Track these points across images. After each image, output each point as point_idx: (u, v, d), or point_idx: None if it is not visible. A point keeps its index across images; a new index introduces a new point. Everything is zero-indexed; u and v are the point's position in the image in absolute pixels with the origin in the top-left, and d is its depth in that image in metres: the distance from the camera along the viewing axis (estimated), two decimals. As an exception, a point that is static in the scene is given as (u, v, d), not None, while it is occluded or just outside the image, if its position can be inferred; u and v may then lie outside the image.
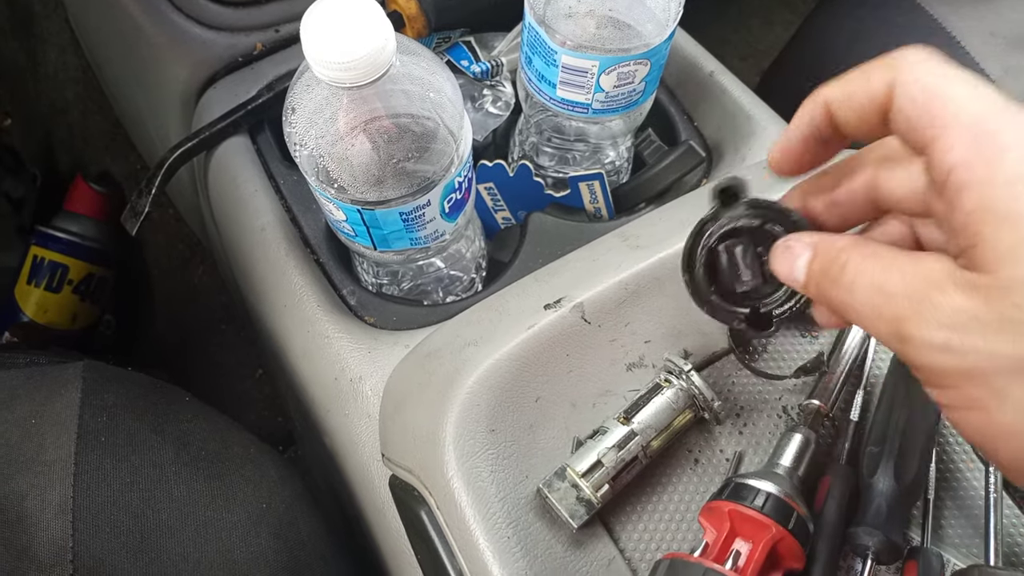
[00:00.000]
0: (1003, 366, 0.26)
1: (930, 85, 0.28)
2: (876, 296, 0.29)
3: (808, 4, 1.58)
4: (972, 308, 0.26)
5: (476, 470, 0.46)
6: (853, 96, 0.31)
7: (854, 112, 0.32)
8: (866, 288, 0.30)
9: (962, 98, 0.28)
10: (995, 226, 0.26)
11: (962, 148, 0.27)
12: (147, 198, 0.66)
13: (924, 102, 0.28)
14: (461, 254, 0.66)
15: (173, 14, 0.72)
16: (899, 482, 0.45)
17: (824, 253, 0.33)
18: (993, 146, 0.26)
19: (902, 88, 0.29)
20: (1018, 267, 0.25)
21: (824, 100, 0.33)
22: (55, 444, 0.53)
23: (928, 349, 0.27)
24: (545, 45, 0.58)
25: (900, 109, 0.29)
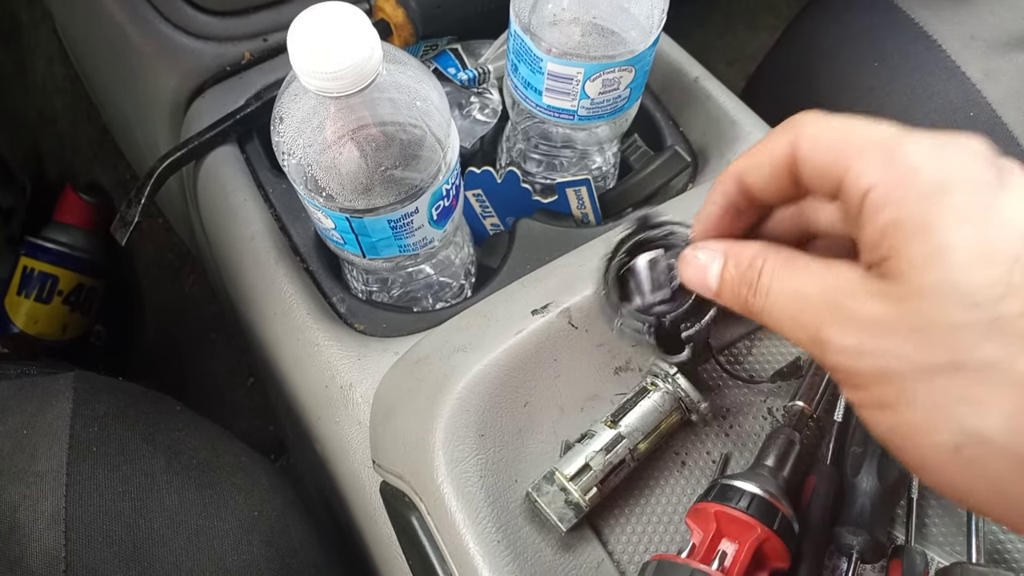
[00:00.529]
0: (911, 368, 0.27)
1: (830, 130, 0.31)
2: (793, 302, 0.31)
3: (793, 9, 1.59)
4: (884, 314, 0.28)
5: (466, 475, 0.47)
6: (760, 164, 0.34)
7: (764, 178, 0.34)
8: (783, 293, 0.32)
9: (864, 131, 0.30)
10: (908, 239, 0.28)
11: (874, 172, 0.29)
12: (136, 208, 0.66)
13: (829, 145, 0.30)
14: (450, 260, 0.66)
15: (161, 24, 0.72)
16: (883, 481, 0.46)
17: (737, 259, 0.34)
18: (903, 166, 0.28)
19: (804, 142, 0.31)
20: (925, 276, 0.27)
21: (735, 173, 0.35)
22: (47, 455, 0.54)
23: (843, 352, 0.29)
24: (531, 53, 0.59)
25: (805, 160, 0.31)
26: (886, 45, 0.84)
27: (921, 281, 0.27)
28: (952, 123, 0.79)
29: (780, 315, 0.32)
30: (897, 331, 0.28)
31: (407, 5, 0.68)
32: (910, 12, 0.84)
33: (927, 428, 0.28)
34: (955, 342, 0.26)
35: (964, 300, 0.26)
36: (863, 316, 0.29)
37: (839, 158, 0.30)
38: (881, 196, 0.28)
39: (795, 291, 0.31)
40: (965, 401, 0.26)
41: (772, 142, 0.33)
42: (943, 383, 0.27)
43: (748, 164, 0.34)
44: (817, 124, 0.31)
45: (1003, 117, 0.77)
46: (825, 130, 0.31)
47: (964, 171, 0.28)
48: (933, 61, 0.81)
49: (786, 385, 0.53)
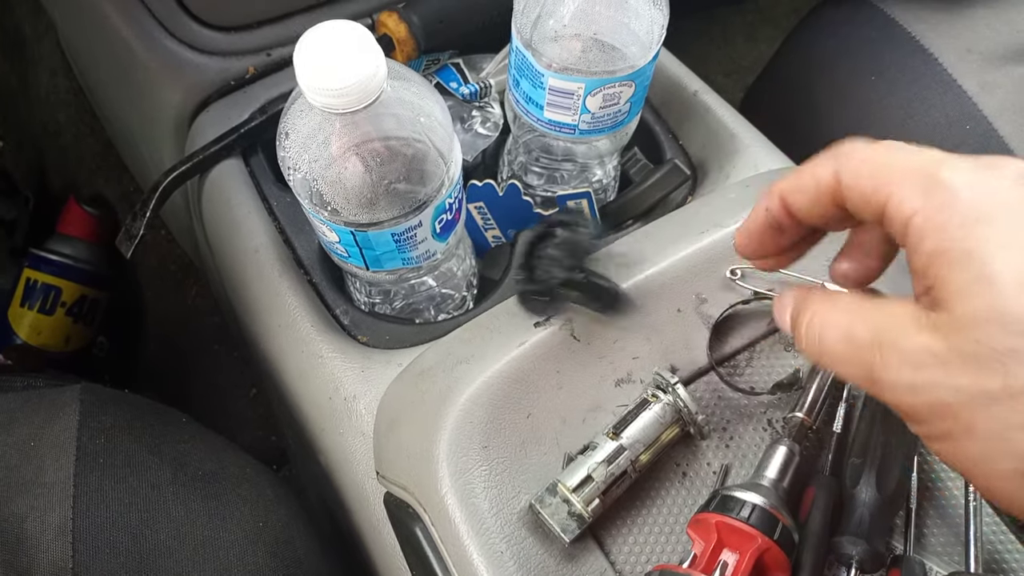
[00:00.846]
0: (966, 400, 0.27)
1: (873, 158, 0.31)
2: (845, 346, 0.31)
3: (791, 21, 1.60)
4: (933, 346, 0.28)
5: (469, 486, 0.47)
6: (804, 187, 0.34)
7: (807, 201, 0.34)
8: (835, 339, 0.32)
9: (905, 158, 0.30)
10: (950, 267, 0.28)
11: (915, 198, 0.29)
12: (142, 221, 0.67)
13: (871, 173, 0.31)
14: (452, 273, 0.67)
15: (166, 39, 0.73)
16: (881, 492, 0.47)
17: (798, 306, 0.35)
18: (944, 193, 0.28)
19: (848, 169, 0.32)
20: (971, 304, 0.27)
21: (779, 193, 0.36)
22: (54, 466, 0.54)
23: (897, 390, 0.29)
24: (532, 68, 0.60)
25: (850, 187, 0.32)
26: (883, 58, 0.85)
27: (967, 309, 0.27)
28: (948, 136, 0.79)
29: (834, 358, 0.32)
30: (949, 362, 0.28)
31: (409, 20, 0.69)
32: (907, 26, 0.85)
33: (989, 456, 0.28)
34: (1007, 369, 0.26)
35: (1012, 327, 0.26)
36: (913, 351, 0.29)
37: (881, 186, 0.30)
38: (923, 224, 0.29)
39: (846, 335, 0.32)
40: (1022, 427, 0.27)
41: (818, 168, 0.33)
42: (999, 411, 0.27)
43: (792, 186, 0.35)
44: (860, 152, 0.32)
45: (999, 129, 0.78)
46: (867, 158, 0.31)
47: (1006, 196, 0.28)
48: (930, 74, 0.82)
49: (786, 397, 0.53)
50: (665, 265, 0.56)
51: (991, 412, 0.27)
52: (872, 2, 0.89)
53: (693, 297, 0.56)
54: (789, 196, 0.35)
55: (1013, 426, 0.27)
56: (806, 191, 0.34)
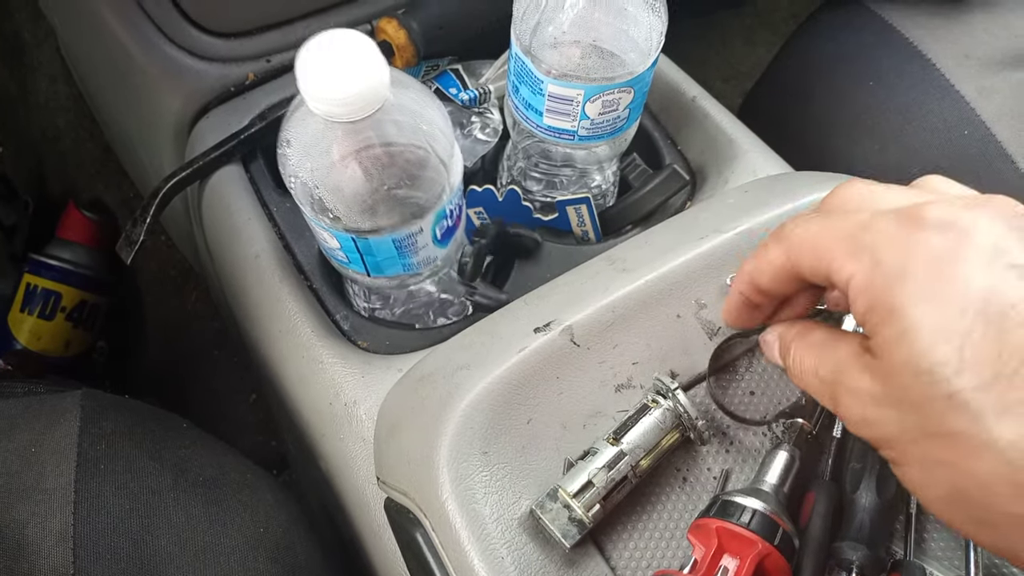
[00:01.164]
0: (901, 433, 0.31)
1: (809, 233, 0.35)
2: (816, 382, 0.36)
3: (789, 25, 1.61)
4: (872, 389, 0.32)
5: (470, 492, 0.47)
6: (763, 272, 0.38)
7: (771, 281, 0.38)
8: (809, 376, 0.37)
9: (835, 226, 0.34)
10: (879, 322, 0.31)
11: (848, 264, 0.33)
12: (142, 227, 0.67)
13: (811, 248, 0.35)
14: (452, 278, 0.67)
15: (165, 45, 0.73)
16: (881, 497, 0.47)
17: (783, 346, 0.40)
18: (869, 255, 0.32)
19: (792, 248, 0.36)
20: (895, 355, 0.30)
21: (746, 276, 0.40)
22: (55, 472, 0.54)
23: (851, 421, 0.34)
24: (531, 74, 0.60)
25: (797, 265, 0.36)
26: (881, 64, 0.86)
27: (893, 360, 0.31)
28: (946, 141, 0.80)
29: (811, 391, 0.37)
30: (883, 403, 0.32)
31: (409, 27, 0.69)
32: (905, 32, 0.86)
33: (924, 483, 0.32)
34: (926, 414, 0.30)
35: (926, 378, 0.29)
36: (858, 391, 0.33)
37: (820, 258, 0.34)
38: (857, 285, 0.32)
39: (813, 371, 0.36)
40: (946, 464, 0.30)
41: (770, 252, 0.37)
42: (924, 448, 0.30)
43: (755, 269, 0.39)
44: (798, 231, 0.35)
45: (997, 135, 0.78)
46: (805, 235, 0.35)
47: (924, 248, 0.30)
48: (928, 80, 0.82)
49: (785, 402, 0.53)
50: (664, 271, 0.56)
51: (918, 447, 0.31)
52: (870, 7, 0.90)
53: (693, 303, 0.56)
54: (756, 280, 0.39)
55: (934, 461, 0.30)
56: (766, 274, 0.38)
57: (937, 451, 0.30)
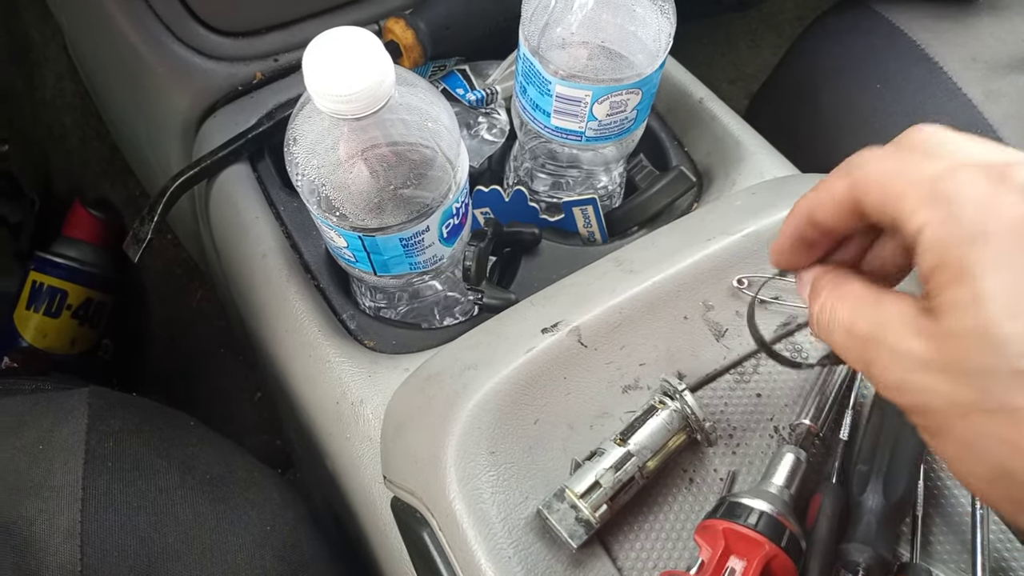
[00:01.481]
0: (944, 406, 0.29)
1: (882, 170, 0.32)
2: (847, 338, 0.33)
3: (795, 28, 1.61)
4: (922, 352, 0.29)
5: (477, 492, 0.47)
6: (824, 203, 0.35)
7: (830, 216, 0.35)
8: (839, 330, 0.34)
9: (914, 169, 0.31)
10: (950, 283, 0.29)
11: (922, 212, 0.30)
12: (149, 226, 0.67)
13: (881, 186, 0.31)
14: (458, 277, 0.67)
15: (173, 44, 0.73)
16: (888, 499, 0.47)
17: (814, 290, 0.37)
18: (948, 207, 0.29)
19: (859, 183, 0.33)
20: (960, 320, 0.28)
21: (804, 211, 0.36)
22: (63, 469, 0.54)
23: (888, 387, 0.31)
24: (539, 75, 0.60)
25: (862, 201, 0.33)
26: (888, 67, 0.86)
27: (956, 324, 0.28)
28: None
29: (838, 348, 0.34)
30: (933, 370, 0.29)
31: (416, 27, 0.69)
32: (912, 34, 0.86)
33: (966, 459, 0.29)
34: (986, 386, 0.28)
35: (993, 348, 0.27)
36: (903, 353, 0.30)
37: (891, 199, 0.31)
38: (928, 236, 0.29)
39: (847, 328, 0.33)
40: (1000, 441, 0.28)
41: (833, 183, 0.34)
42: (974, 422, 0.28)
43: (814, 203, 0.36)
44: (870, 165, 0.32)
45: (1004, 138, 0.78)
46: (877, 171, 0.32)
47: (1008, 213, 0.28)
48: (935, 83, 0.82)
49: (792, 404, 0.53)
50: (672, 272, 0.56)
51: (967, 422, 0.28)
52: (877, 10, 0.90)
53: (700, 304, 0.56)
54: (813, 213, 0.36)
55: (985, 437, 0.28)
56: (826, 207, 0.35)
57: (991, 427, 0.28)
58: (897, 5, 0.89)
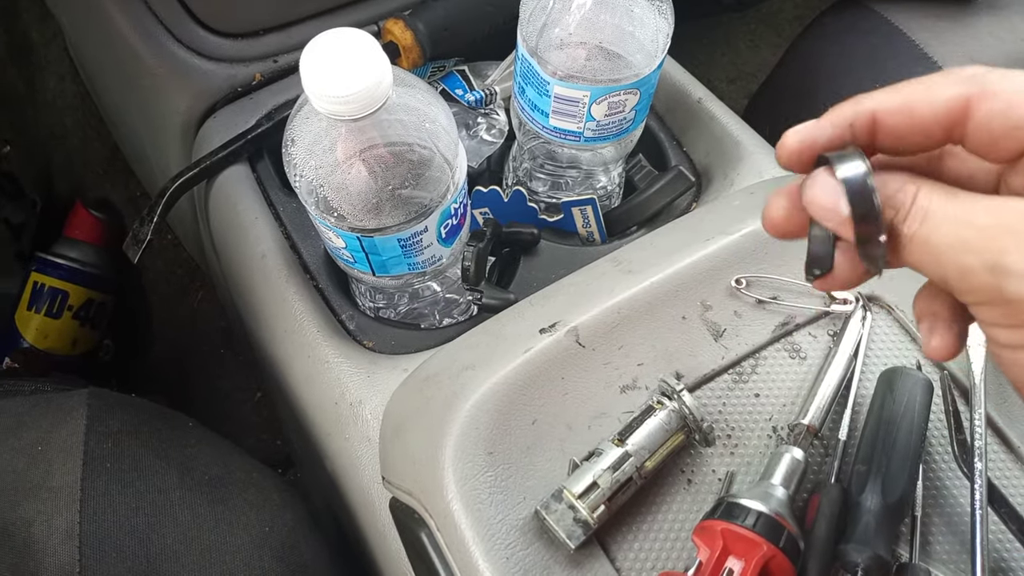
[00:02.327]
0: None
1: (1018, 93, 0.28)
2: (962, 228, 0.28)
3: (794, 27, 1.61)
4: None
5: (475, 492, 0.47)
6: (914, 107, 0.30)
7: (909, 125, 0.30)
8: (948, 220, 0.29)
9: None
10: None
11: None
12: (149, 226, 0.67)
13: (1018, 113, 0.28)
14: (457, 277, 0.67)
15: (173, 45, 0.73)
16: (887, 499, 0.47)
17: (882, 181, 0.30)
18: None
19: (991, 97, 0.29)
20: None
21: (871, 108, 0.31)
22: (62, 470, 0.54)
23: None
24: (537, 76, 0.60)
25: (991, 119, 0.29)
26: (887, 66, 0.86)
27: None
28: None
29: (943, 241, 0.28)
30: None
31: (415, 28, 0.69)
32: (911, 34, 0.85)
33: None
34: None
35: None
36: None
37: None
38: None
39: (963, 218, 0.28)
40: None
41: (938, 90, 0.29)
42: None
43: (897, 104, 0.30)
44: (1007, 79, 0.29)
45: (1004, 137, 0.78)
46: (1016, 93, 0.28)
47: None
48: (933, 82, 0.82)
49: (791, 404, 0.53)
50: (670, 272, 0.56)
51: None
52: (875, 10, 0.90)
53: (698, 304, 0.56)
54: (887, 116, 0.30)
55: None
56: (913, 113, 0.30)
57: None
58: (896, 5, 0.89)
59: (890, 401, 0.51)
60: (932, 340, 0.33)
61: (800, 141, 0.32)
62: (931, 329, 0.33)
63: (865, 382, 0.54)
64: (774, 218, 0.34)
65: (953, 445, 0.51)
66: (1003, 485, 0.51)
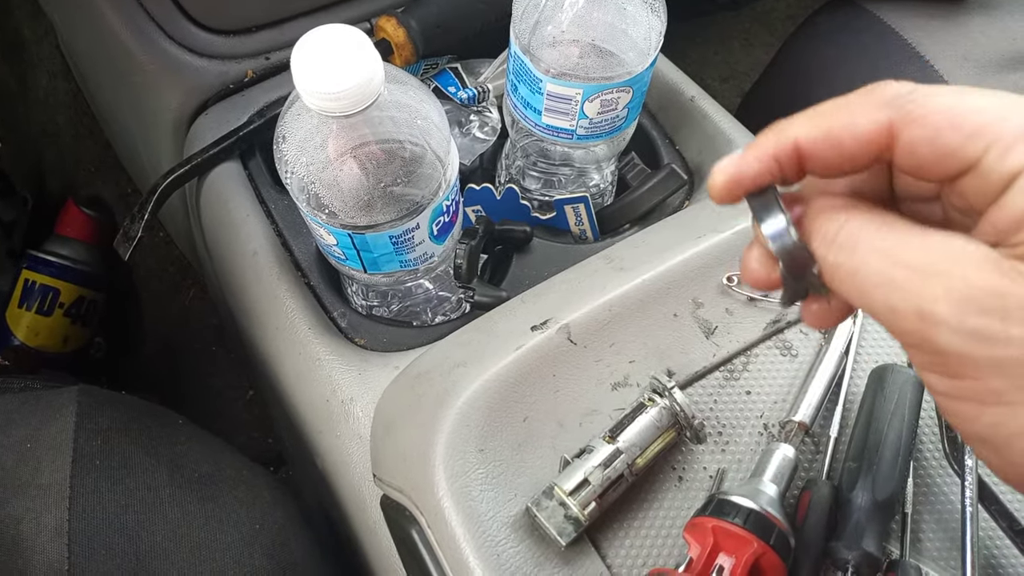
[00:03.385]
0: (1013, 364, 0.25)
1: (954, 106, 0.27)
2: (890, 265, 0.27)
3: (787, 26, 1.61)
4: (1012, 292, 0.25)
5: (466, 489, 0.47)
6: (837, 137, 0.29)
7: (839, 153, 0.29)
8: (878, 252, 0.27)
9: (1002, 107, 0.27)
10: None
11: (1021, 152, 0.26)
12: (140, 223, 0.67)
13: (957, 124, 0.27)
14: (449, 275, 0.67)
15: (165, 42, 0.73)
16: (877, 496, 0.47)
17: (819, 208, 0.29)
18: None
19: (917, 120, 0.27)
20: None
21: (792, 139, 0.30)
22: (51, 468, 0.54)
23: (959, 333, 0.25)
24: (530, 73, 0.60)
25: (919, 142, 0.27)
26: (880, 65, 0.86)
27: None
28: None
29: (869, 277, 0.27)
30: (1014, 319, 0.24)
31: (408, 25, 0.69)
32: (904, 33, 0.86)
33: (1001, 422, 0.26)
34: None
35: None
36: (992, 295, 0.25)
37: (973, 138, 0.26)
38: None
39: (893, 255, 0.26)
40: None
41: (860, 115, 0.28)
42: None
43: (818, 133, 0.29)
44: (931, 101, 0.27)
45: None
46: (946, 107, 0.27)
47: None
48: (926, 81, 0.82)
49: (782, 401, 0.53)
50: (662, 270, 0.57)
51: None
52: (868, 9, 0.90)
53: (690, 302, 0.56)
54: (810, 146, 0.29)
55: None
56: (837, 143, 0.29)
57: None
58: (888, 4, 0.89)
59: (881, 398, 0.51)
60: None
61: (728, 179, 0.31)
62: None
63: (856, 379, 0.54)
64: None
65: (943, 442, 0.52)
66: (993, 482, 0.51)
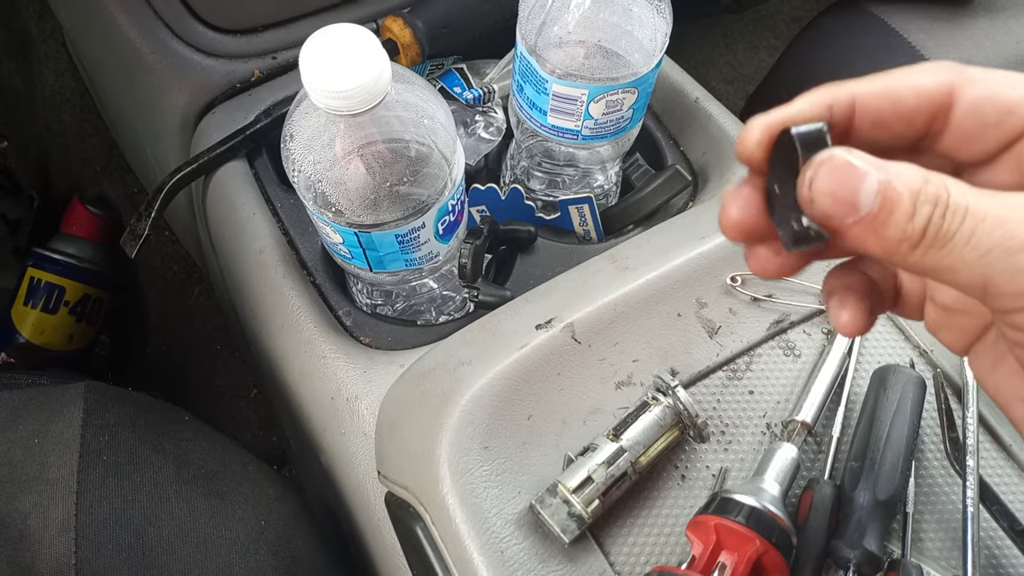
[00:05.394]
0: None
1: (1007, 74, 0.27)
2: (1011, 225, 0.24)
3: (792, 29, 1.61)
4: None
5: (470, 487, 0.47)
6: (897, 92, 0.28)
7: (895, 109, 0.28)
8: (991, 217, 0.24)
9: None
10: None
11: None
12: (146, 222, 0.67)
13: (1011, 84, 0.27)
14: (453, 274, 0.68)
15: (172, 41, 0.74)
16: (879, 496, 0.47)
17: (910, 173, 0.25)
18: None
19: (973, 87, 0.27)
20: None
21: (850, 93, 0.28)
22: (58, 463, 0.54)
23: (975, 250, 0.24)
24: (536, 74, 0.60)
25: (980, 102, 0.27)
26: (883, 68, 0.86)
27: None
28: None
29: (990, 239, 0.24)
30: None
31: (414, 25, 0.69)
32: (907, 36, 0.86)
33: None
34: None
35: None
36: None
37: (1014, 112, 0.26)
38: None
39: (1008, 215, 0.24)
40: None
41: (922, 77, 0.28)
42: None
43: (874, 90, 0.28)
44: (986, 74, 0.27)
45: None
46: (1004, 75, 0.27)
47: None
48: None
49: (784, 401, 0.54)
50: (666, 270, 0.57)
51: None
52: (872, 12, 0.90)
53: (693, 302, 0.56)
54: (868, 101, 0.28)
55: None
56: (896, 99, 0.28)
57: None
58: (892, 7, 0.89)
59: (883, 399, 0.51)
60: (842, 315, 0.31)
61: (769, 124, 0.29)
62: (841, 303, 0.31)
63: (858, 379, 0.55)
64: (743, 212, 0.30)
65: (945, 443, 0.52)
66: (995, 483, 0.51)
